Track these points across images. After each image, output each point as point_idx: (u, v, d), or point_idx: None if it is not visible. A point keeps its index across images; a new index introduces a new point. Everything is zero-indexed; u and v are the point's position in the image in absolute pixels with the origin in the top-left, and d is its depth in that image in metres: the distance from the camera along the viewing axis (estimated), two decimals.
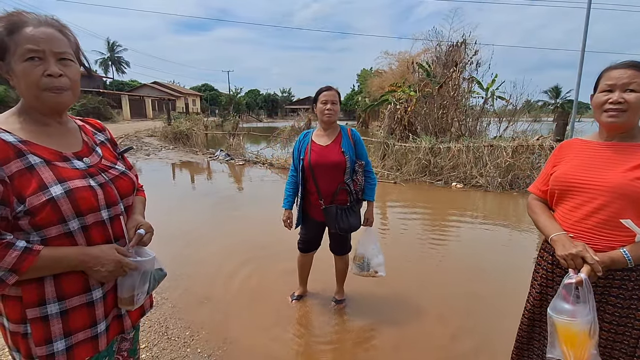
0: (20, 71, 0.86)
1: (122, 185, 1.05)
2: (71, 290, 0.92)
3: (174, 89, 48.34)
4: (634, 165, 1.18)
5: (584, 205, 1.25)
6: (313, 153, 2.36)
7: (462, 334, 2.42)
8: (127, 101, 32.07)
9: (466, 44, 9.92)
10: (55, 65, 0.89)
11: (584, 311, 1.11)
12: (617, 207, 1.18)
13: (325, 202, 2.36)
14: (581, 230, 1.26)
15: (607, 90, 1.21)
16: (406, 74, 12.69)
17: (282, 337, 2.38)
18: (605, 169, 1.23)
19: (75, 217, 0.90)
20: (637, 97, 1.16)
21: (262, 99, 60.98)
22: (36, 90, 0.88)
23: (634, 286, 1.20)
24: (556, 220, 1.35)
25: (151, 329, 2.43)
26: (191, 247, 3.84)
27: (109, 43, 49.91)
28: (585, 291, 1.12)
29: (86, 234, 0.93)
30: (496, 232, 4.62)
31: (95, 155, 1.03)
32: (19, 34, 0.86)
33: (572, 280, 1.13)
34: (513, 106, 9.51)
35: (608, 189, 1.19)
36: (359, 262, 2.52)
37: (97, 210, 0.95)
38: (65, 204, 0.87)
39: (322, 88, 2.38)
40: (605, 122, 1.23)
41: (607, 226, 1.20)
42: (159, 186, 7.52)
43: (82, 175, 0.94)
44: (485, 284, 3.07)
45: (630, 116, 1.18)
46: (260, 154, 11.14)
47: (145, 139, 16.30)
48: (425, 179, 7.79)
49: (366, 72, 33.61)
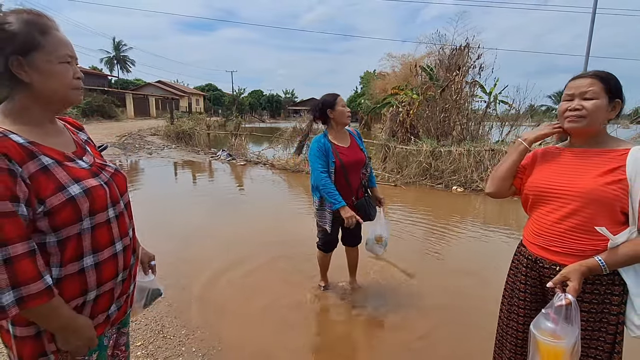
0: (56, 72, 0.93)
1: (120, 183, 1.08)
2: (68, 295, 0.93)
3: (178, 88, 48.53)
4: (604, 171, 1.21)
5: (557, 210, 1.28)
6: (342, 155, 2.55)
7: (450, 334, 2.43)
8: (131, 100, 32.18)
9: (470, 48, 9.91)
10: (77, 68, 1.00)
11: (569, 332, 1.12)
12: (589, 212, 1.21)
13: (355, 198, 2.61)
14: (554, 234, 1.28)
15: (568, 99, 1.28)
16: (409, 77, 12.70)
17: (277, 338, 2.39)
18: (577, 175, 1.27)
19: (88, 217, 0.92)
20: (594, 103, 1.22)
21: (266, 100, 61.07)
22: (68, 89, 0.96)
23: (606, 290, 1.22)
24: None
25: (147, 327, 2.45)
26: (190, 247, 3.87)
27: (114, 42, 50.23)
28: (573, 312, 1.12)
29: (92, 234, 0.94)
30: (496, 236, 4.62)
31: (89, 155, 1.05)
32: (50, 36, 0.92)
33: (563, 302, 1.13)
34: (516, 110, 9.50)
35: (580, 195, 1.22)
36: (382, 242, 2.75)
37: (106, 208, 0.97)
38: (84, 202, 0.90)
39: (334, 94, 2.59)
40: (566, 127, 1.30)
41: (579, 231, 1.23)
42: (160, 185, 7.57)
43: (91, 174, 0.97)
44: (480, 285, 3.08)
45: (590, 122, 1.24)
46: (262, 155, 11.17)
47: (147, 138, 16.37)
48: (425, 182, 7.78)
49: (369, 74, 33.61)
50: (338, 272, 3.10)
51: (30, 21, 0.89)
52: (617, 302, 1.21)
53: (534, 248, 1.37)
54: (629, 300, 1.20)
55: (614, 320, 1.22)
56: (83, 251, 0.93)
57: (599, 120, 1.25)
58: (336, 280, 3.11)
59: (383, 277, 3.27)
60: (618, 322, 1.22)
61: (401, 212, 5.76)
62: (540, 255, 1.33)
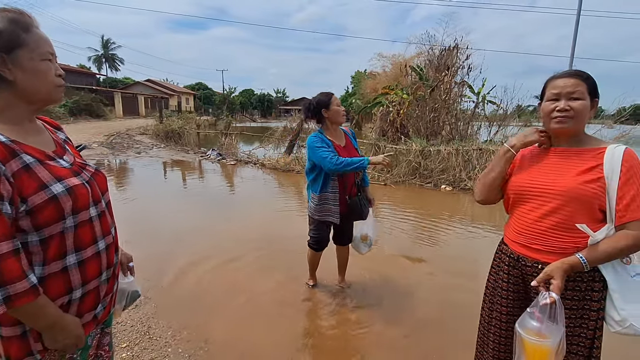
0: (40, 69, 0.93)
1: (100, 182, 1.08)
2: (53, 294, 0.93)
3: (168, 87, 48.01)
4: (583, 170, 1.24)
5: (538, 209, 1.30)
6: (340, 153, 2.54)
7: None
8: (119, 98, 31.74)
9: (458, 49, 10.02)
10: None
11: (555, 330, 1.13)
12: (569, 210, 1.23)
13: (348, 197, 2.62)
14: (536, 232, 1.30)
15: (553, 98, 1.28)
16: (399, 77, 12.76)
17: (265, 336, 2.38)
18: (557, 174, 1.28)
19: (71, 215, 0.92)
20: (582, 104, 1.23)
21: (257, 99, 60.75)
22: (51, 86, 0.97)
23: (587, 287, 1.24)
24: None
25: (133, 328, 2.42)
26: (177, 247, 3.82)
27: (103, 40, 49.38)
28: (558, 310, 1.13)
29: (75, 233, 0.94)
30: (483, 234, 4.68)
31: (69, 154, 1.05)
32: (32, 33, 0.92)
33: (547, 301, 1.14)
34: (504, 111, 9.63)
35: (561, 193, 1.24)
36: (367, 241, 2.80)
37: (88, 207, 0.97)
38: (67, 201, 0.90)
39: (328, 93, 2.61)
40: (554, 128, 1.29)
41: (560, 228, 1.25)
42: (147, 184, 7.48)
43: (72, 173, 0.97)
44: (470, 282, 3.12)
45: (576, 122, 1.25)
46: (253, 154, 11.13)
47: (136, 137, 16.19)
48: (415, 181, 7.84)
49: (360, 74, 33.66)
50: (327, 271, 3.11)
51: (14, 19, 0.90)
52: (597, 298, 1.23)
53: (515, 246, 1.38)
54: (608, 296, 1.22)
55: (594, 316, 1.24)
56: (66, 250, 0.93)
57: (584, 120, 1.26)
58: (324, 278, 3.12)
59: (371, 276, 3.28)
60: (598, 318, 1.24)
61: (390, 210, 5.79)
62: (522, 253, 1.35)
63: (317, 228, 2.71)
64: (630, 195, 1.16)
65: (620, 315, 1.19)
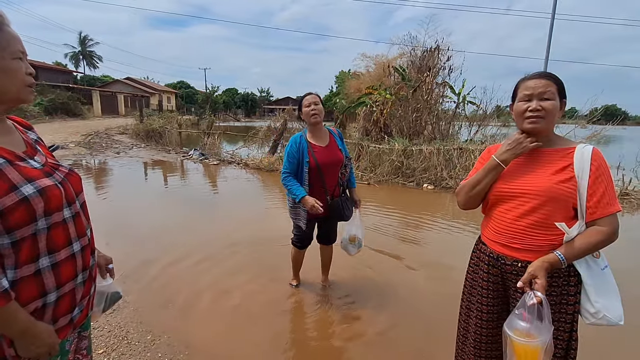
0: (12, 68, 0.92)
1: (75, 183, 1.06)
2: (26, 298, 0.90)
3: (148, 85, 46.97)
4: (557, 170, 1.28)
5: (516, 209, 1.33)
6: (317, 154, 2.54)
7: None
8: (98, 97, 30.87)
9: (440, 50, 10.17)
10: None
11: (543, 329, 1.15)
12: (547, 209, 1.27)
13: (330, 198, 2.60)
14: (515, 231, 1.33)
15: (525, 99, 1.31)
16: (382, 77, 12.85)
17: (247, 338, 2.36)
18: (533, 174, 1.32)
19: (43, 217, 0.89)
20: (552, 104, 1.27)
21: (240, 98, 60.12)
22: (22, 85, 0.95)
23: (564, 282, 1.28)
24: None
25: (110, 333, 2.35)
26: (157, 248, 3.74)
27: (80, 36, 47.77)
28: (544, 309, 1.16)
29: (48, 235, 0.92)
30: (464, 232, 4.78)
31: (40, 155, 1.02)
32: (3, 32, 0.90)
33: (534, 301, 1.16)
34: (483, 111, 9.84)
35: (538, 193, 1.28)
36: (355, 242, 2.78)
37: (61, 209, 0.95)
38: (39, 202, 0.87)
39: (307, 94, 2.59)
40: (526, 128, 1.32)
41: (537, 227, 1.29)
42: (128, 186, 7.31)
43: (44, 174, 0.94)
44: (449, 280, 3.17)
45: (547, 122, 1.29)
46: (236, 154, 11.02)
47: (115, 137, 15.78)
48: (398, 180, 7.93)
49: (344, 74, 33.71)
50: (311, 271, 3.11)
51: None
52: (573, 293, 1.27)
53: (495, 246, 1.40)
54: (583, 290, 1.27)
55: (571, 310, 1.28)
56: (39, 252, 0.90)
57: (554, 120, 1.31)
58: (309, 278, 3.11)
59: (355, 274, 3.30)
60: (574, 311, 1.29)
61: (374, 209, 5.84)
62: (502, 252, 1.37)
63: (298, 227, 2.73)
64: (599, 192, 1.21)
65: (594, 308, 1.24)
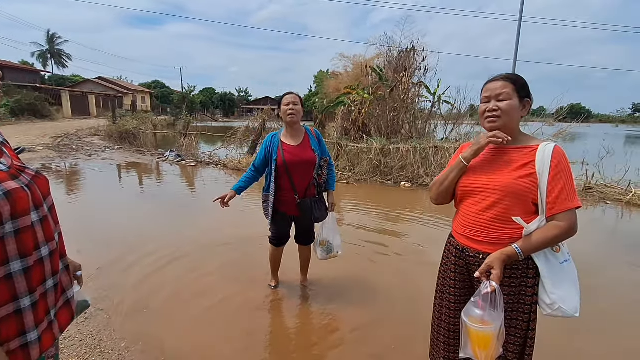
0: None
1: (42, 186, 1.02)
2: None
3: (121, 85, 45.56)
4: (518, 166, 1.36)
5: (480, 203, 1.41)
6: (286, 153, 2.56)
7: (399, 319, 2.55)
8: (68, 97, 29.71)
9: (415, 51, 10.37)
10: None
11: (496, 317, 1.23)
12: (506, 203, 1.34)
13: (299, 197, 2.59)
14: (478, 224, 1.41)
15: (485, 101, 1.41)
16: (360, 77, 12.98)
17: (223, 344, 2.34)
18: (496, 170, 1.40)
19: (10, 220, 0.86)
20: (508, 104, 1.36)
21: (218, 98, 59.19)
22: None
23: (522, 274, 1.35)
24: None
25: (82, 342, 2.28)
26: (132, 254, 3.64)
27: (48, 34, 45.72)
28: (498, 298, 1.23)
29: (17, 238, 0.89)
30: (442, 227, 4.89)
31: (6, 157, 0.99)
32: None
33: (488, 289, 1.23)
34: (458, 110, 10.11)
35: (499, 188, 1.35)
36: (324, 246, 2.77)
37: (29, 212, 0.92)
38: (5, 205, 0.84)
39: (286, 93, 2.60)
40: (486, 127, 1.42)
41: (498, 221, 1.36)
42: (100, 189, 7.07)
43: (10, 176, 0.91)
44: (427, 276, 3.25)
45: (505, 121, 1.37)
46: (214, 155, 10.85)
47: (87, 139, 15.24)
48: (376, 178, 8.04)
49: (323, 73, 33.82)
50: (290, 271, 3.12)
51: None
52: (531, 284, 1.34)
53: (461, 239, 1.48)
54: (540, 283, 1.34)
55: (529, 301, 1.35)
56: (8, 256, 0.87)
57: (514, 118, 1.38)
58: (288, 278, 3.12)
59: (334, 273, 3.32)
60: (532, 303, 1.36)
61: (353, 207, 5.89)
62: (467, 245, 1.45)
63: (274, 224, 2.75)
64: (558, 189, 1.28)
65: (550, 299, 1.31)
